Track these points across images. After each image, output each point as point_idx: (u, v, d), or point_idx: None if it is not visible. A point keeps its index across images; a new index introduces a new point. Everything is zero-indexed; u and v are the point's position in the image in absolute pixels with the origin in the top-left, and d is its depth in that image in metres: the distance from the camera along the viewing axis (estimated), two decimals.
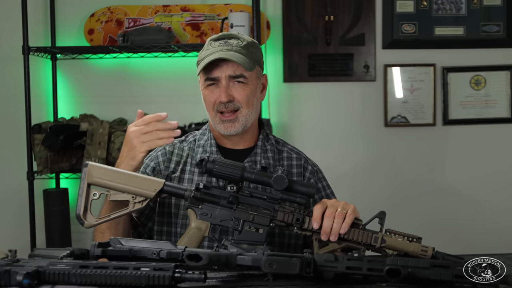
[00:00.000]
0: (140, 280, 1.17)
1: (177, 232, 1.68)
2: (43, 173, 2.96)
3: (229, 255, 1.24)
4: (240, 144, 1.75)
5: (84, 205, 1.48)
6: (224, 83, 1.65)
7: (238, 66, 1.64)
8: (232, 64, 1.64)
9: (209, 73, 1.66)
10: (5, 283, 1.19)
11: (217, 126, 1.69)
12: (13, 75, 3.10)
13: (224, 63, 1.65)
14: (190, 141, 1.78)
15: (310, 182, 1.75)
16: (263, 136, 1.78)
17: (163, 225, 1.70)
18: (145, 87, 3.24)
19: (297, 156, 1.79)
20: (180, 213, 1.68)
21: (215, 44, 1.68)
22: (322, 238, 1.43)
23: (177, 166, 1.73)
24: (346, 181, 3.18)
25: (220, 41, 1.68)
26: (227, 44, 1.66)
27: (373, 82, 3.29)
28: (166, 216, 1.70)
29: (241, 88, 1.66)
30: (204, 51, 1.69)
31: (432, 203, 3.28)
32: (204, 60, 1.66)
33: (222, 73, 1.65)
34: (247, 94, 1.67)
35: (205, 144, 1.74)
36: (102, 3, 3.22)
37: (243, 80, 1.67)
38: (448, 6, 3.28)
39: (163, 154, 1.75)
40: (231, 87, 1.66)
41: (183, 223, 1.67)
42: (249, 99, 1.67)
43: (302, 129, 3.29)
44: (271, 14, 3.27)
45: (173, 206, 1.69)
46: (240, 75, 1.66)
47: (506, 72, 3.30)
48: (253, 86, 1.69)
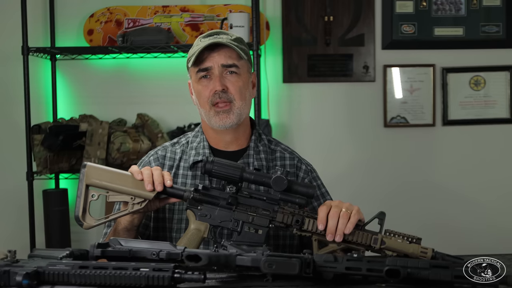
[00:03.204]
0: (140, 280, 1.16)
1: (172, 237, 1.66)
2: (42, 174, 2.96)
3: (229, 255, 1.24)
4: (233, 145, 1.73)
5: (83, 206, 1.47)
6: (217, 73, 1.65)
7: (230, 56, 1.65)
8: (224, 54, 1.64)
9: (201, 64, 1.65)
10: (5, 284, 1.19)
11: (212, 119, 1.67)
12: (13, 75, 3.10)
13: (216, 53, 1.64)
14: (182, 143, 1.77)
15: (305, 182, 1.75)
16: (255, 137, 1.76)
17: (158, 231, 1.69)
18: (144, 88, 3.24)
19: (290, 156, 1.78)
20: (175, 217, 1.67)
21: (204, 40, 1.67)
22: (328, 238, 1.42)
23: (170, 170, 1.71)
24: (345, 182, 3.19)
25: (209, 37, 1.68)
26: (218, 38, 1.66)
27: (372, 82, 3.29)
28: (161, 221, 1.69)
29: (234, 79, 1.66)
30: (194, 47, 1.69)
31: (432, 203, 3.28)
32: (196, 52, 1.65)
33: (214, 63, 1.65)
34: (239, 86, 1.66)
35: (197, 146, 1.73)
36: (102, 4, 3.22)
37: (236, 70, 1.66)
38: (447, 7, 3.28)
39: (156, 159, 1.74)
40: (224, 77, 1.65)
41: (177, 227, 1.66)
42: (241, 91, 1.67)
43: (302, 130, 3.29)
44: (271, 14, 3.27)
45: (167, 211, 1.68)
46: (233, 65, 1.65)
47: (506, 72, 3.30)
48: (245, 79, 1.69)
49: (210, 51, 1.64)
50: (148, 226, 1.71)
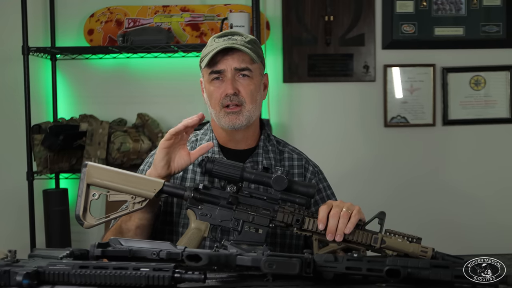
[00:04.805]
0: (140, 280, 1.16)
1: (179, 231, 1.67)
2: (42, 173, 2.96)
3: (229, 255, 1.24)
4: (242, 144, 1.74)
5: (84, 205, 1.48)
6: (229, 76, 1.65)
7: (243, 59, 1.65)
8: (237, 57, 1.65)
9: (214, 66, 1.66)
10: (5, 284, 1.19)
11: (222, 120, 1.67)
12: (13, 75, 3.10)
13: (230, 56, 1.65)
14: (191, 140, 1.78)
15: (311, 182, 1.75)
16: (264, 137, 1.78)
17: (165, 224, 1.70)
18: (144, 87, 3.24)
19: (298, 157, 1.80)
20: (183, 212, 1.68)
21: (219, 40, 1.68)
22: (328, 238, 1.43)
23: None
24: (345, 181, 3.18)
25: (224, 37, 1.69)
26: (232, 39, 1.67)
27: (372, 82, 3.29)
28: (169, 215, 1.70)
29: (246, 82, 1.67)
30: (207, 48, 1.69)
31: (432, 203, 3.28)
32: (209, 53, 1.65)
33: (227, 66, 1.65)
34: (251, 89, 1.67)
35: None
36: (102, 4, 3.22)
37: (248, 73, 1.67)
38: (447, 7, 3.28)
39: None
40: (236, 80, 1.66)
41: (185, 222, 1.66)
42: (253, 94, 1.68)
43: (302, 129, 3.29)
44: (271, 14, 3.27)
45: (175, 205, 1.69)
46: (246, 68, 1.66)
47: (506, 72, 3.30)
48: (257, 82, 1.70)
49: (223, 54, 1.65)
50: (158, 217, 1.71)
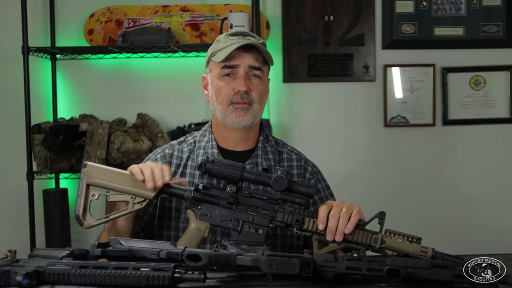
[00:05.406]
0: (140, 280, 1.17)
1: (178, 236, 1.65)
2: (42, 173, 2.96)
3: (229, 255, 1.24)
4: (242, 145, 1.73)
5: (83, 205, 1.48)
6: (242, 73, 1.65)
7: (257, 59, 1.66)
8: (253, 56, 1.66)
9: (228, 61, 1.65)
10: (5, 283, 1.19)
11: (228, 117, 1.66)
12: (13, 75, 3.10)
13: (246, 53, 1.65)
14: (189, 142, 1.77)
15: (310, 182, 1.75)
16: (263, 138, 1.77)
17: (163, 229, 1.68)
18: (144, 87, 3.24)
19: (297, 157, 1.79)
20: (182, 217, 1.66)
21: (233, 38, 1.68)
22: (328, 238, 1.43)
23: (177, 169, 1.71)
24: (345, 181, 3.18)
25: (238, 36, 1.69)
26: (246, 39, 1.67)
27: (372, 82, 3.29)
28: (166, 220, 1.68)
29: (257, 82, 1.67)
30: (221, 43, 1.68)
31: (432, 203, 3.28)
32: (225, 48, 1.64)
33: (242, 62, 1.65)
34: (260, 90, 1.68)
35: (206, 145, 1.73)
36: (102, 3, 3.22)
37: (259, 74, 1.67)
38: (447, 7, 3.28)
39: (163, 157, 1.74)
40: (247, 79, 1.66)
41: (184, 226, 1.65)
42: (261, 95, 1.69)
43: (302, 129, 3.29)
44: (271, 14, 3.27)
45: (174, 210, 1.68)
46: (259, 68, 1.67)
47: (506, 72, 3.30)
48: (265, 84, 1.71)
49: (239, 51, 1.65)
50: (151, 223, 1.71)
